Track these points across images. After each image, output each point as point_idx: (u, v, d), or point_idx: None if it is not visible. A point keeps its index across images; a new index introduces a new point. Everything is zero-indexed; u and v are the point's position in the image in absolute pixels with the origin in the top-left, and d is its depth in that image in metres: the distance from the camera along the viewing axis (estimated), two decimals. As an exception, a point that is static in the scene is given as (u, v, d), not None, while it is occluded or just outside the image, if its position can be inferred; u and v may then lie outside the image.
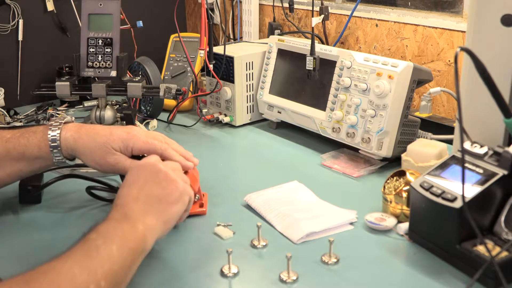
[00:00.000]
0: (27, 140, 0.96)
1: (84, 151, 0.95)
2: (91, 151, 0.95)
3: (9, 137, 0.96)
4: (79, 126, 0.98)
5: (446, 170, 0.90)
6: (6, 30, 1.71)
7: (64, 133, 0.95)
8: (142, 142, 0.96)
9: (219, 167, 1.28)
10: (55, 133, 0.95)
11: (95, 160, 0.95)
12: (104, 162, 0.95)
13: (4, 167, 0.96)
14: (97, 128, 0.97)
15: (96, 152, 0.94)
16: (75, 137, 0.95)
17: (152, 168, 0.86)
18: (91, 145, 0.95)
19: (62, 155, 0.96)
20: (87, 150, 0.95)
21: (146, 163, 0.88)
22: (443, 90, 1.31)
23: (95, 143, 0.95)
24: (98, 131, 0.96)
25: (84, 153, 0.96)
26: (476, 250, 0.82)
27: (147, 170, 0.86)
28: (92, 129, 0.97)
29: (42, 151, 0.95)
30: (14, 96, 1.73)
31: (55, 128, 0.96)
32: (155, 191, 0.84)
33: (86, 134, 0.96)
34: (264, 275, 0.86)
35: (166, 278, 0.85)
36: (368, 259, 0.89)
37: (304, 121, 1.38)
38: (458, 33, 1.39)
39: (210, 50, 1.43)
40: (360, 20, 1.62)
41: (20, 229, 1.01)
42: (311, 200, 1.07)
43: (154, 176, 0.85)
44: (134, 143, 0.95)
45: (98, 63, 1.27)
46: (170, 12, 1.59)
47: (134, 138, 0.95)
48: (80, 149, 0.95)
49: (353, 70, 1.25)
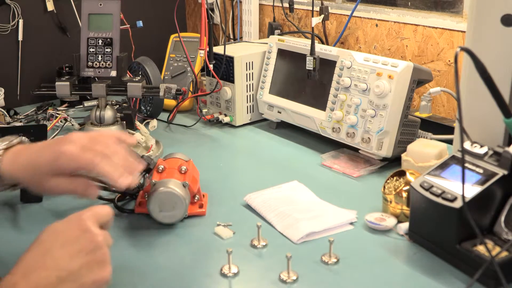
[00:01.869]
0: None
1: (24, 183, 0.87)
2: (28, 183, 0.87)
3: None
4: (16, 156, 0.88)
5: (446, 170, 0.90)
6: (6, 30, 1.71)
7: (4, 166, 0.87)
8: (71, 159, 0.83)
9: (219, 167, 1.28)
10: None
11: (37, 191, 0.88)
12: (43, 190, 0.88)
13: None
14: (31, 154, 0.87)
15: (33, 183, 0.87)
16: (11, 170, 0.87)
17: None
18: (27, 177, 0.86)
19: (3, 187, 0.90)
20: (25, 183, 0.87)
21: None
22: (443, 90, 1.31)
23: (29, 174, 0.86)
24: (30, 158, 0.87)
25: (25, 185, 0.88)
26: (476, 250, 0.82)
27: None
28: (26, 156, 0.88)
29: None
30: (14, 96, 1.73)
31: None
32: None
33: (21, 165, 0.87)
34: (264, 275, 0.86)
35: (166, 278, 0.85)
36: (368, 259, 0.89)
37: (304, 121, 1.38)
38: (458, 33, 1.39)
39: (210, 50, 1.43)
40: (360, 20, 1.62)
41: (21, 228, 1.01)
42: (311, 200, 1.07)
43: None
44: (62, 163, 0.84)
45: (98, 63, 1.27)
46: (170, 12, 1.59)
47: (62, 157, 0.84)
48: (21, 181, 0.88)
49: (353, 70, 1.25)
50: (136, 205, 1.04)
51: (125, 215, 1.04)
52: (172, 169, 1.01)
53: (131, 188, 0.93)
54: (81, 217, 0.73)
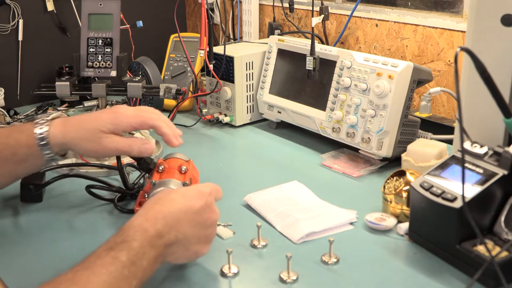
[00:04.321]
0: (15, 140, 0.94)
1: (75, 142, 0.94)
2: (81, 140, 0.94)
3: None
4: (65, 120, 0.96)
5: (446, 170, 0.90)
6: (6, 30, 1.70)
7: (52, 130, 0.94)
8: (130, 117, 0.94)
9: (219, 167, 1.28)
10: (43, 131, 0.93)
11: (87, 149, 0.95)
12: (97, 147, 0.94)
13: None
14: (83, 117, 0.97)
15: (87, 140, 0.93)
16: (62, 132, 0.94)
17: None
18: (80, 135, 0.94)
19: (52, 152, 0.94)
20: (77, 141, 0.94)
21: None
22: (443, 90, 1.31)
23: (83, 132, 0.94)
24: (85, 119, 0.95)
25: (75, 144, 0.94)
26: (476, 250, 0.82)
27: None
28: (77, 119, 0.96)
29: (32, 149, 0.93)
30: (14, 96, 1.73)
31: (42, 126, 0.94)
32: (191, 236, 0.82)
33: (73, 126, 0.95)
34: (264, 275, 0.86)
35: (166, 278, 0.85)
36: (368, 259, 0.89)
37: (304, 121, 1.38)
38: (458, 33, 1.39)
39: (210, 50, 1.43)
40: (360, 20, 1.62)
41: (21, 228, 1.01)
42: (311, 200, 1.07)
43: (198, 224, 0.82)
44: (121, 120, 0.94)
45: (98, 63, 1.27)
46: (170, 12, 1.59)
47: (121, 116, 0.94)
48: (70, 142, 0.94)
49: (353, 70, 1.25)
50: (136, 205, 1.04)
51: (125, 215, 1.04)
52: (172, 169, 1.01)
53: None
54: (206, 192, 0.83)
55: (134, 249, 0.72)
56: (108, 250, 0.71)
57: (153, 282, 0.84)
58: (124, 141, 0.94)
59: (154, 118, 0.96)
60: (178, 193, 0.83)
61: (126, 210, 1.05)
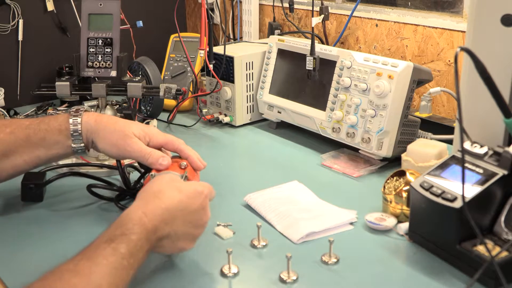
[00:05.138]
0: (47, 125, 0.99)
1: (105, 132, 0.98)
2: (112, 132, 0.97)
3: (28, 124, 0.99)
4: (100, 114, 1.02)
5: (446, 170, 0.90)
6: (6, 30, 1.71)
7: (86, 118, 0.99)
8: (160, 134, 1.00)
9: (219, 167, 1.27)
10: (77, 118, 0.98)
11: (113, 142, 0.97)
12: (123, 144, 0.97)
13: (22, 154, 0.98)
14: (117, 118, 1.03)
15: (117, 134, 0.97)
16: (97, 120, 0.99)
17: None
18: (112, 127, 0.98)
19: (81, 139, 0.98)
20: (107, 131, 0.98)
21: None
22: (443, 90, 1.31)
23: (116, 126, 0.98)
24: (119, 119, 1.01)
25: (104, 134, 0.98)
26: (476, 250, 0.82)
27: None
28: (113, 117, 1.02)
29: (62, 134, 0.98)
30: (14, 96, 1.73)
31: (77, 114, 0.99)
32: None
33: (108, 118, 1.01)
34: (264, 275, 0.86)
35: (166, 278, 0.85)
36: (368, 259, 0.89)
37: (304, 121, 1.38)
38: (458, 33, 1.39)
39: (210, 50, 1.43)
40: (360, 20, 1.62)
41: (21, 227, 1.01)
42: (311, 200, 1.07)
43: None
44: (152, 133, 0.99)
45: (98, 63, 1.27)
46: (170, 12, 1.59)
47: (152, 130, 1.00)
48: (100, 130, 0.98)
49: (353, 70, 1.25)
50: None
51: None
52: (171, 164, 1.01)
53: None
54: (203, 192, 0.86)
55: (132, 241, 0.75)
56: (108, 242, 0.74)
57: (153, 282, 0.85)
58: (147, 147, 0.98)
59: (181, 142, 1.00)
60: (176, 190, 0.85)
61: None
